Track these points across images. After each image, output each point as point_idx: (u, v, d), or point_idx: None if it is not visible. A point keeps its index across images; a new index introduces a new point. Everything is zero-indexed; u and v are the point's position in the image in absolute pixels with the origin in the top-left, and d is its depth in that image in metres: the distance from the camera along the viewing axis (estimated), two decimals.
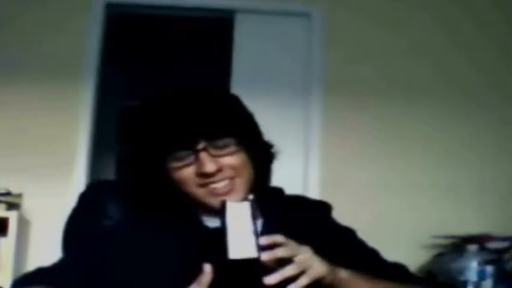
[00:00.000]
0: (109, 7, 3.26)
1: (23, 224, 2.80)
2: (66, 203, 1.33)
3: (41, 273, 0.98)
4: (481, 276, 2.56)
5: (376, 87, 3.24)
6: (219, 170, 1.00)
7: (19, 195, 2.81)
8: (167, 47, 4.62)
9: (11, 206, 2.74)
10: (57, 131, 3.06)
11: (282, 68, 3.25)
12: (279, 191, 1.17)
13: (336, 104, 3.20)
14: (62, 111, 3.09)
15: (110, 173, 4.35)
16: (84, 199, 1.23)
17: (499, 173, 3.13)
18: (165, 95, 1.05)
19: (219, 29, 3.50)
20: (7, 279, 2.51)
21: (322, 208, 1.18)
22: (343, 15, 3.31)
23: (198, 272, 0.86)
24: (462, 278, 2.56)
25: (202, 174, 0.99)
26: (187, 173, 1.01)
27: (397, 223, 3.01)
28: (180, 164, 1.01)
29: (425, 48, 3.30)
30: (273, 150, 1.11)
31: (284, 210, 1.10)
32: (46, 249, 1.98)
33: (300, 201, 1.19)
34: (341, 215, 1.17)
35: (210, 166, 0.98)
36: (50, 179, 2.97)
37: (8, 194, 2.77)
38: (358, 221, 1.23)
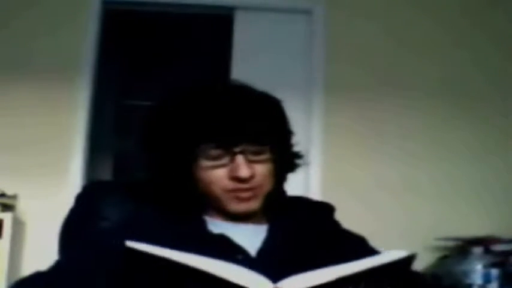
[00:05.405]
0: (106, 4, 3.23)
1: (18, 225, 2.78)
2: (61, 205, 1.31)
3: (38, 278, 0.95)
4: (486, 279, 2.55)
5: (377, 86, 3.22)
6: (252, 176, 0.98)
7: (14, 197, 2.78)
8: (165, 44, 4.60)
9: (6, 207, 2.72)
10: (53, 131, 3.03)
11: (282, 66, 3.22)
12: (281, 192, 1.14)
13: (337, 103, 3.18)
14: (57, 110, 3.06)
15: (106, 174, 4.32)
16: (81, 200, 1.20)
17: (504, 174, 3.12)
18: (208, 89, 1.02)
19: (218, 26, 3.47)
20: (1, 281, 2.50)
21: (324, 209, 1.16)
22: (344, 12, 3.30)
23: None
24: (467, 281, 2.56)
25: (235, 178, 0.97)
26: (219, 174, 0.98)
27: (400, 224, 2.99)
28: (212, 163, 0.98)
29: (426, 47, 3.28)
30: (299, 161, 1.09)
31: (287, 212, 1.07)
32: (41, 251, 1.95)
33: (302, 202, 1.17)
34: (343, 216, 1.16)
35: (245, 171, 0.96)
36: (45, 180, 2.94)
37: (3, 195, 2.75)
38: (360, 222, 1.23)
